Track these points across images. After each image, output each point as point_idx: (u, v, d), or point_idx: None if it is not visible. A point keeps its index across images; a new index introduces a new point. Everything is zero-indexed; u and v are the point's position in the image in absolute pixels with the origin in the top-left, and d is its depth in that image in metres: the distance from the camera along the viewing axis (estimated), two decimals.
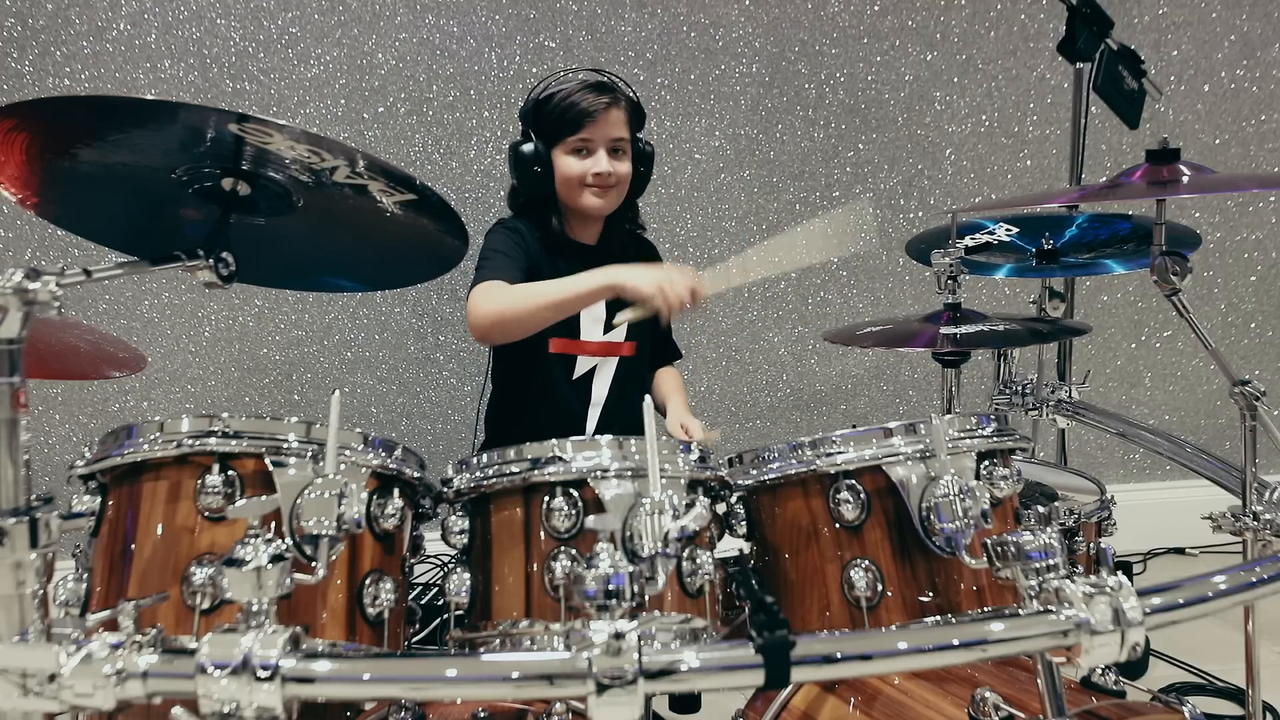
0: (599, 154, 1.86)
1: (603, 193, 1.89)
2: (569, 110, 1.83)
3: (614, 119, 1.86)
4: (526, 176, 1.87)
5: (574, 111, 1.83)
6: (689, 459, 1.19)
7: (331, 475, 0.96)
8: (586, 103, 1.83)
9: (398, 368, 2.78)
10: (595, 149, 1.86)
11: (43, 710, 0.76)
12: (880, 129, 2.87)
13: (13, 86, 2.50)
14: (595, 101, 1.84)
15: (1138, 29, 2.88)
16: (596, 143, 1.86)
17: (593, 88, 1.86)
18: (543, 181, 1.87)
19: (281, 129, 1.00)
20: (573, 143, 1.85)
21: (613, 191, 1.90)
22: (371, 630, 1.12)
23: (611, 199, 1.91)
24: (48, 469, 2.61)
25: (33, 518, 0.83)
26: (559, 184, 1.88)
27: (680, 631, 1.13)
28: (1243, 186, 2.52)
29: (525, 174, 1.87)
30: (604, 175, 1.86)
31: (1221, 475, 1.56)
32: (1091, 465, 2.90)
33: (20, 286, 0.84)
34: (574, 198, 1.89)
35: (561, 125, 1.85)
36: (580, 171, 1.86)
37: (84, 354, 1.41)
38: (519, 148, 1.87)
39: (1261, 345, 3.12)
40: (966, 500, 1.08)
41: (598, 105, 1.84)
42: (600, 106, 1.84)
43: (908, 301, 2.96)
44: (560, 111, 1.84)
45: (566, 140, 1.85)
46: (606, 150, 1.86)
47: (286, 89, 2.61)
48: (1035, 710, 1.23)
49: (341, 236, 1.29)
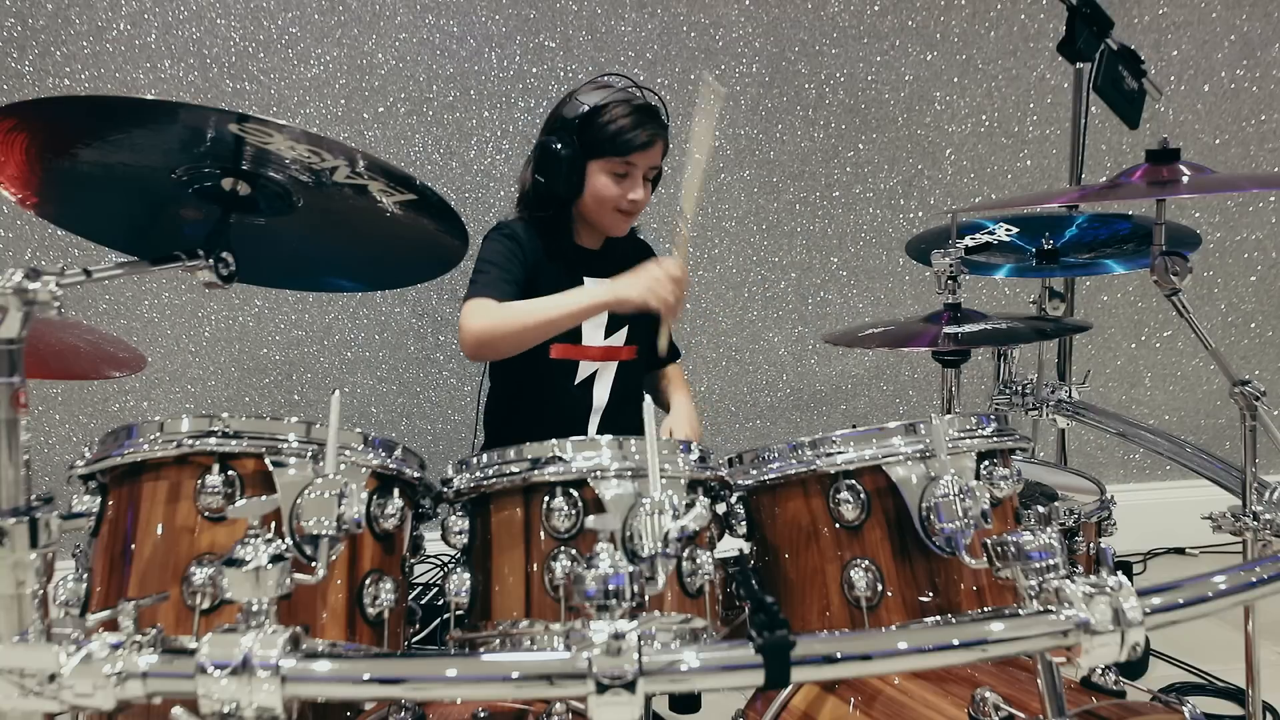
0: (637, 180, 1.84)
1: (629, 217, 1.88)
2: (623, 133, 1.79)
3: (658, 149, 1.84)
4: (556, 180, 1.82)
5: (627, 136, 1.79)
6: (689, 459, 1.19)
7: (331, 475, 0.96)
8: (642, 130, 1.79)
9: (398, 368, 2.78)
10: (635, 175, 1.83)
11: (43, 710, 0.76)
12: (880, 129, 2.87)
13: (13, 86, 2.50)
14: (650, 132, 1.80)
15: (1138, 29, 2.88)
16: (638, 169, 1.83)
17: (647, 113, 1.82)
18: (571, 188, 1.83)
19: (281, 129, 1.00)
20: (616, 164, 1.81)
21: (635, 216, 1.90)
22: (371, 630, 1.12)
23: (632, 221, 1.92)
24: (48, 469, 2.61)
25: (33, 518, 0.83)
26: (589, 199, 1.85)
27: (680, 631, 1.13)
28: (1243, 186, 2.52)
29: (556, 177, 1.82)
30: (637, 202, 1.85)
31: (1221, 475, 1.56)
32: (1091, 465, 2.90)
33: (20, 286, 0.84)
34: (601, 216, 1.88)
35: (611, 145, 1.80)
36: (616, 194, 1.83)
37: (84, 354, 1.41)
38: (557, 149, 1.80)
39: (1261, 345, 3.12)
40: (966, 500, 1.08)
41: (648, 136, 1.80)
42: (650, 137, 1.80)
43: (908, 301, 2.96)
44: (613, 133, 1.79)
45: (610, 159, 1.81)
46: (643, 176, 1.85)
47: (286, 89, 2.61)
48: (1035, 710, 1.23)
49: (341, 236, 1.29)
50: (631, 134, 1.79)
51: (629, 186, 1.83)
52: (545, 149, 1.82)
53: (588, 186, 1.84)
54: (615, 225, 1.89)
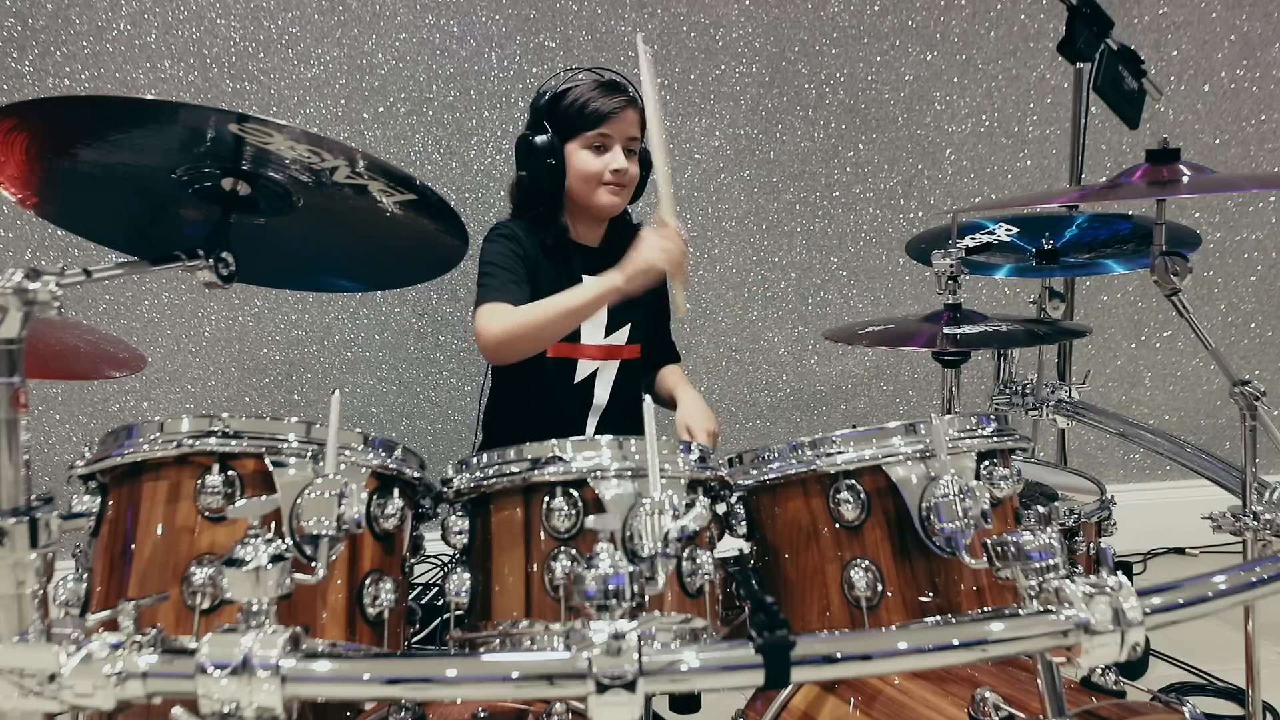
0: (616, 151, 1.86)
1: (619, 190, 1.89)
2: (588, 105, 1.83)
3: (629, 118, 1.86)
4: (538, 169, 1.85)
5: (594, 107, 1.83)
6: (689, 459, 1.19)
7: (331, 475, 0.96)
8: (607, 99, 1.84)
9: (398, 368, 2.78)
10: (612, 146, 1.86)
11: (43, 710, 0.76)
12: (880, 129, 2.87)
13: (13, 86, 2.50)
14: (615, 99, 1.84)
15: (1138, 29, 2.88)
16: (614, 139, 1.86)
17: (609, 86, 1.86)
18: (555, 175, 1.86)
19: (281, 129, 1.00)
20: (591, 138, 1.85)
21: (625, 190, 1.90)
22: (371, 630, 1.12)
23: (624, 197, 1.91)
24: (48, 469, 2.61)
25: (33, 518, 0.83)
26: (574, 180, 1.87)
27: (680, 631, 1.13)
28: (1243, 186, 2.52)
29: (537, 167, 1.85)
30: (622, 172, 1.86)
31: (1221, 475, 1.56)
32: (1091, 465, 2.90)
33: (20, 286, 0.84)
34: (589, 194, 1.88)
35: (581, 120, 1.84)
36: (599, 168, 1.85)
37: (84, 354, 1.41)
38: (531, 139, 1.84)
39: (1261, 345, 3.12)
40: (966, 500, 1.08)
41: (617, 103, 1.84)
42: (619, 105, 1.84)
43: (908, 301, 2.96)
44: (580, 106, 1.83)
45: (585, 135, 1.85)
46: (623, 148, 1.87)
47: (286, 89, 2.61)
48: (1035, 710, 1.23)
49: (341, 236, 1.29)
50: (599, 103, 1.83)
51: (609, 158, 1.86)
52: (523, 142, 1.86)
53: (570, 169, 1.86)
54: (607, 203, 1.89)
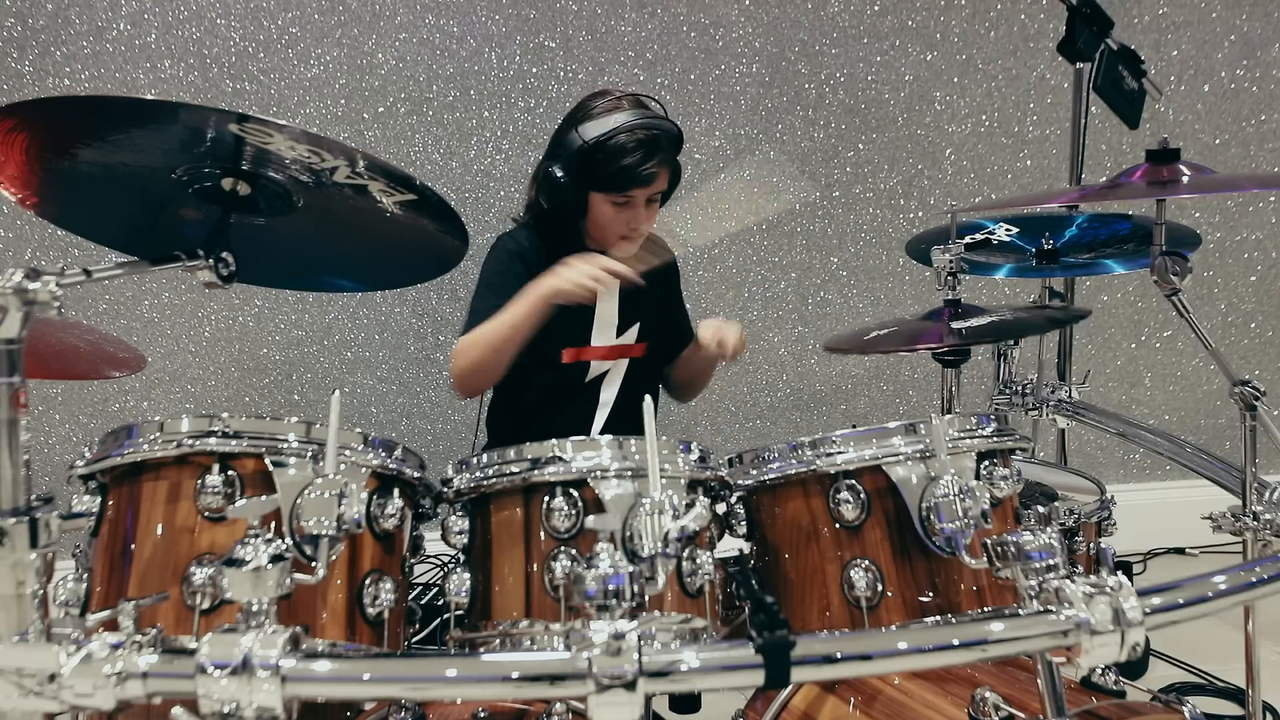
0: (639, 210, 1.81)
1: (635, 241, 1.85)
2: (623, 171, 1.73)
3: (662, 180, 1.79)
4: (557, 205, 1.81)
5: (628, 173, 1.74)
6: (689, 459, 1.20)
7: (331, 475, 0.96)
8: (642, 167, 1.73)
9: (398, 368, 2.78)
10: (637, 205, 1.80)
11: (43, 710, 0.76)
12: (880, 129, 2.87)
13: (13, 86, 2.50)
14: (649, 165, 1.74)
15: (1138, 29, 2.88)
16: (639, 198, 1.80)
17: (648, 145, 1.74)
18: (574, 215, 1.82)
19: (282, 129, 1.00)
20: (616, 196, 1.78)
21: (641, 238, 1.87)
22: (371, 630, 1.12)
23: (638, 244, 1.87)
24: (48, 469, 2.61)
25: (33, 518, 0.83)
26: (592, 225, 1.85)
27: (680, 631, 1.14)
28: (1243, 186, 2.52)
29: (557, 202, 1.80)
30: (641, 231, 1.83)
31: (1221, 475, 1.56)
32: (1091, 465, 2.90)
33: (20, 286, 0.83)
34: (603, 239, 1.85)
35: (610, 181, 1.75)
36: (619, 225, 1.81)
37: (84, 354, 1.41)
38: (556, 178, 1.77)
39: (1261, 345, 3.12)
40: (966, 500, 1.08)
41: (650, 171, 1.75)
42: (653, 173, 1.75)
43: (908, 301, 2.96)
44: (615, 169, 1.73)
45: (611, 194, 1.78)
46: (645, 203, 1.81)
47: (286, 89, 2.61)
48: (1035, 710, 1.23)
49: (341, 236, 1.29)
50: (634, 173, 1.74)
51: (631, 217, 1.81)
52: (548, 177, 1.79)
53: (590, 211, 1.82)
54: (620, 250, 1.84)
